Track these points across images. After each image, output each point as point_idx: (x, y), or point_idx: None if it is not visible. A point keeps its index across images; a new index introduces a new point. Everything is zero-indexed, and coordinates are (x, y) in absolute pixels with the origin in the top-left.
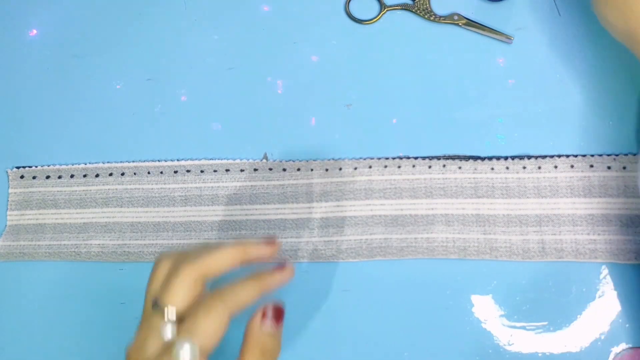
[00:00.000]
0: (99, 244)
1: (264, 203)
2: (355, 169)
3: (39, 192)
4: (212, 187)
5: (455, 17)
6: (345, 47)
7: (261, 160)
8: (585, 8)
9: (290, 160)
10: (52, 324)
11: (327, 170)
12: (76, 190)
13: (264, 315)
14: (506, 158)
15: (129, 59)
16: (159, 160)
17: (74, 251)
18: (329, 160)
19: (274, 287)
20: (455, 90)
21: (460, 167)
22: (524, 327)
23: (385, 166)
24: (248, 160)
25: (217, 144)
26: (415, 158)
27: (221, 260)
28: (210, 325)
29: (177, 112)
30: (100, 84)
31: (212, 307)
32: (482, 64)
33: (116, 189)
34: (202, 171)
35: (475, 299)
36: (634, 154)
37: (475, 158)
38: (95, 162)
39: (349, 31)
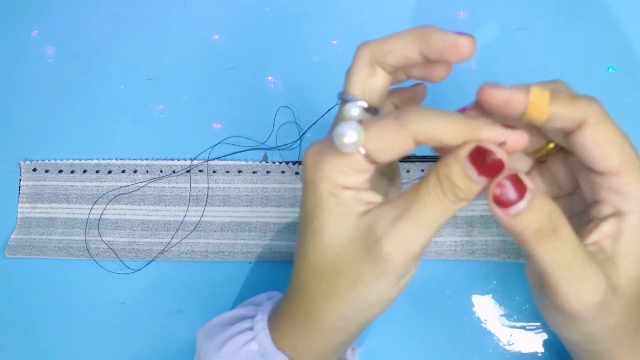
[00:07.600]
0: (108, 241)
1: (275, 206)
2: None
3: (51, 185)
4: (222, 187)
5: None
6: (345, 47)
7: (261, 162)
8: (585, 9)
9: (290, 162)
10: (53, 323)
11: None
12: (88, 186)
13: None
14: None
15: (130, 59)
16: (171, 159)
17: (84, 247)
18: None
19: (489, 136)
20: (455, 91)
21: None
22: (523, 327)
23: None
24: (247, 161)
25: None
26: (416, 158)
27: (396, 42)
28: (382, 133)
29: (178, 113)
30: (102, 84)
31: (392, 122)
32: (482, 64)
33: (128, 186)
34: (214, 172)
35: (475, 299)
36: None
37: None
38: (109, 159)
39: (348, 31)
